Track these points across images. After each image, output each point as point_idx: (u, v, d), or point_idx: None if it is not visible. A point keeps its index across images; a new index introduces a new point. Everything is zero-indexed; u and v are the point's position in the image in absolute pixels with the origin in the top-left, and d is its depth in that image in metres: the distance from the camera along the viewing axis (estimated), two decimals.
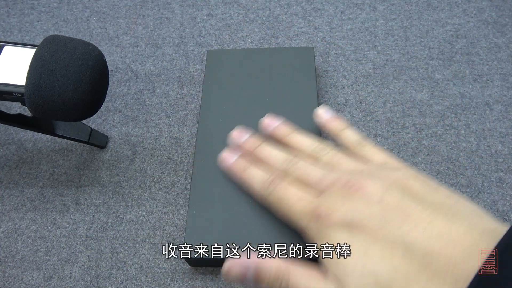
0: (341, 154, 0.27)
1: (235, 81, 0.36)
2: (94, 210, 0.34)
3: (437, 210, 0.21)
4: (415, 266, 0.19)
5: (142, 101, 0.39)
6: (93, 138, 0.36)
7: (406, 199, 0.22)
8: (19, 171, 0.36)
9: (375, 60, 0.41)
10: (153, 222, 0.33)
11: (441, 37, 0.42)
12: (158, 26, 0.44)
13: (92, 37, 0.44)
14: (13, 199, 0.35)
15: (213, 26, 0.44)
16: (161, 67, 0.41)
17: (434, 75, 0.40)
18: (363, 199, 0.22)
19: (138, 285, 0.31)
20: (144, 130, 0.38)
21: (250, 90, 0.36)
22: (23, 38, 0.44)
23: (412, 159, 0.35)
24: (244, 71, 0.37)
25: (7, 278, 0.31)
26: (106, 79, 0.30)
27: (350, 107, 0.38)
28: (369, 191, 0.23)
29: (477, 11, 0.44)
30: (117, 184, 0.35)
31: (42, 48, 0.27)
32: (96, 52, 0.29)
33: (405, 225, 0.21)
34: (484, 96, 0.38)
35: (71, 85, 0.27)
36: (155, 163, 0.36)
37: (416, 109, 0.37)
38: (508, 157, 0.35)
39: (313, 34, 0.43)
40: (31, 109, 0.28)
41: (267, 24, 0.44)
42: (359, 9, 0.45)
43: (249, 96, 0.35)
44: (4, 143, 0.38)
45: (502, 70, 0.39)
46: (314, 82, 0.36)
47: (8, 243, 0.33)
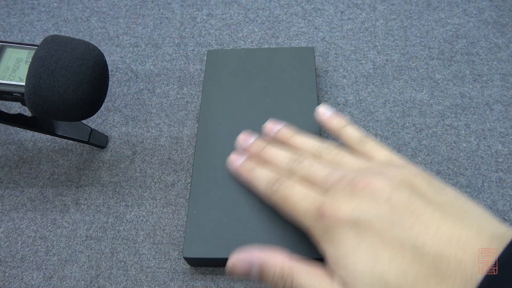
0: (344, 152, 0.27)
1: (235, 81, 0.36)
2: (94, 210, 0.34)
3: (446, 213, 0.21)
4: (425, 270, 0.19)
5: (142, 101, 0.39)
6: (93, 138, 0.36)
7: (414, 199, 0.21)
8: (19, 171, 0.36)
9: (375, 60, 0.41)
10: (153, 222, 0.33)
11: (441, 37, 0.42)
12: (158, 26, 0.44)
13: (92, 37, 0.44)
14: (13, 199, 0.35)
15: (213, 26, 0.44)
16: (161, 67, 0.41)
17: (434, 75, 0.40)
18: (370, 197, 0.22)
19: (138, 285, 0.31)
20: (144, 130, 0.38)
21: (250, 90, 0.36)
22: (23, 38, 0.44)
23: (412, 159, 0.35)
24: (244, 71, 0.37)
25: (7, 278, 0.31)
26: (106, 79, 0.30)
27: (350, 107, 0.38)
28: (377, 188, 0.22)
29: (477, 11, 0.44)
30: (117, 184, 0.35)
31: (42, 48, 0.27)
32: (96, 52, 0.29)
33: (415, 227, 0.20)
34: (484, 96, 0.38)
35: (71, 85, 0.27)
36: (155, 163, 0.36)
37: (416, 109, 0.37)
38: (508, 157, 0.35)
39: (313, 34, 0.43)
40: (31, 109, 0.28)
41: (267, 24, 0.44)
42: (359, 9, 0.45)
43: (249, 96, 0.35)
44: (4, 143, 0.38)
45: (502, 70, 0.39)
46: (314, 82, 0.36)
47: (8, 243, 0.33)
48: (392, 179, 0.22)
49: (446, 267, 0.19)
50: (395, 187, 0.22)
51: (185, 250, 0.28)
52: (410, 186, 0.22)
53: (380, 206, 0.21)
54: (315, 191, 0.24)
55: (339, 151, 0.27)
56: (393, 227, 0.20)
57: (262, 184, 0.28)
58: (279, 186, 0.26)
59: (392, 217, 0.21)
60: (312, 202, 0.24)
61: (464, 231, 0.19)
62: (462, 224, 0.20)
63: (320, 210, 0.23)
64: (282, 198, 0.26)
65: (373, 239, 0.20)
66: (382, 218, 0.21)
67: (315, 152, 0.28)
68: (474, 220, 0.20)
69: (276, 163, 0.28)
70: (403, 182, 0.22)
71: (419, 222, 0.20)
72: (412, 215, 0.20)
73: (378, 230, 0.21)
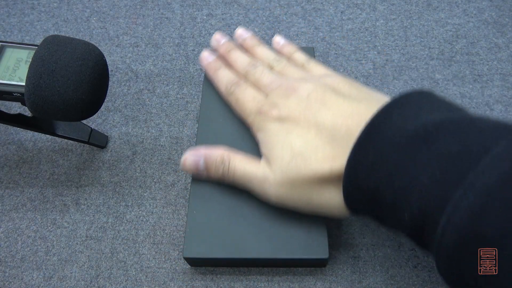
0: (291, 65, 0.33)
1: None
2: (94, 210, 0.34)
3: (351, 99, 0.27)
4: (324, 139, 0.26)
5: (142, 101, 0.39)
6: (93, 138, 0.36)
7: (328, 94, 0.27)
8: (19, 171, 0.36)
9: (375, 60, 0.41)
10: (153, 222, 0.33)
11: (441, 37, 0.42)
12: (158, 26, 0.44)
13: (92, 37, 0.44)
14: (13, 199, 0.35)
15: (213, 26, 0.44)
16: (161, 67, 0.41)
17: (434, 75, 0.40)
18: (295, 96, 0.28)
19: (138, 285, 0.31)
20: (144, 130, 0.38)
21: None
22: (23, 38, 0.44)
23: None
24: None
25: (7, 278, 0.31)
26: (106, 79, 0.30)
27: None
28: (302, 90, 0.28)
29: (477, 11, 0.44)
30: (117, 184, 0.35)
31: (42, 48, 0.27)
32: (96, 52, 0.29)
33: (321, 110, 0.27)
34: (484, 96, 0.38)
35: (71, 85, 0.27)
36: (155, 163, 0.36)
37: None
38: None
39: (313, 34, 0.43)
40: (31, 109, 0.28)
41: (267, 24, 0.44)
42: (359, 9, 0.45)
43: None
44: (4, 143, 0.38)
45: (502, 70, 0.39)
46: None
47: (8, 243, 0.33)
48: (317, 83, 0.29)
49: (338, 134, 0.25)
50: (316, 87, 0.28)
51: (185, 250, 0.28)
52: (330, 87, 0.28)
53: (300, 101, 0.28)
54: (260, 93, 0.31)
55: (287, 63, 0.33)
56: (305, 113, 0.27)
57: (221, 86, 0.34)
58: (234, 88, 0.32)
59: (306, 106, 0.27)
60: (256, 104, 0.30)
61: (358, 107, 0.26)
62: (358, 104, 0.26)
63: (260, 109, 0.29)
64: (235, 99, 0.32)
65: (290, 124, 0.27)
66: (299, 109, 0.27)
67: (269, 62, 0.33)
68: (371, 101, 0.26)
69: (237, 66, 0.34)
70: (325, 84, 0.28)
71: (325, 106, 0.27)
72: (321, 102, 0.27)
73: (294, 117, 0.27)
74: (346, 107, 0.26)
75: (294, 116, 0.27)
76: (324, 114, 0.26)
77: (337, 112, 0.26)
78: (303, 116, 0.27)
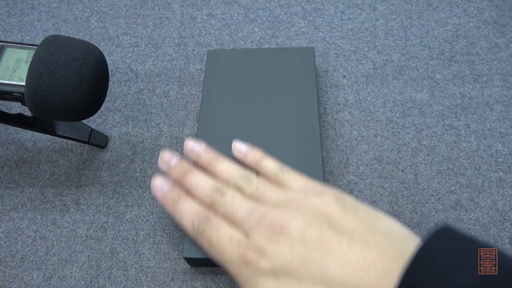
0: (264, 183, 0.28)
1: (235, 81, 0.36)
2: (94, 210, 0.34)
3: (353, 238, 0.22)
4: None
5: (142, 101, 0.39)
6: (93, 138, 0.36)
7: (325, 232, 0.23)
8: (19, 171, 0.36)
9: (375, 60, 0.41)
10: (153, 222, 0.33)
11: (441, 37, 0.42)
12: (158, 26, 0.44)
13: (92, 37, 0.44)
14: (13, 199, 0.35)
15: (213, 26, 0.44)
16: (161, 67, 0.41)
17: (434, 75, 0.40)
18: (287, 240, 0.23)
19: (138, 285, 0.31)
20: (144, 130, 0.38)
21: (250, 90, 0.36)
22: (23, 38, 0.44)
23: (412, 159, 0.35)
24: (244, 71, 0.37)
25: (7, 278, 0.31)
26: (106, 79, 0.30)
27: (350, 107, 0.38)
28: (292, 229, 0.23)
29: (477, 11, 0.44)
30: (117, 184, 0.35)
31: (42, 48, 0.27)
32: (96, 52, 0.29)
33: (325, 260, 0.22)
34: (484, 96, 0.38)
35: (71, 85, 0.27)
36: (155, 163, 0.36)
37: (416, 109, 0.37)
38: (508, 157, 0.35)
39: (313, 34, 0.43)
40: (31, 109, 0.28)
41: (267, 24, 0.44)
42: (359, 9, 0.45)
43: (249, 96, 0.35)
44: (4, 143, 0.38)
45: (502, 70, 0.39)
46: (314, 82, 0.36)
47: (8, 243, 0.33)
48: (306, 213, 0.24)
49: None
50: (308, 223, 0.24)
51: (185, 250, 0.28)
52: (322, 218, 0.24)
53: (295, 248, 0.23)
54: (238, 230, 0.25)
55: (259, 182, 0.28)
56: (305, 265, 0.22)
57: (187, 223, 0.27)
58: (204, 227, 0.26)
59: (306, 256, 0.22)
60: (237, 248, 0.24)
61: (368, 253, 0.21)
62: (366, 247, 0.22)
63: (245, 257, 0.24)
64: (208, 242, 0.26)
65: (290, 280, 0.22)
66: (296, 259, 0.22)
67: (236, 182, 0.28)
68: (379, 239, 0.22)
69: (199, 193, 0.28)
70: (316, 215, 0.24)
71: (328, 255, 0.22)
72: (322, 249, 0.22)
73: (293, 271, 0.22)
74: (355, 254, 0.22)
75: (292, 268, 0.22)
76: (329, 265, 0.22)
77: (345, 261, 0.22)
78: (304, 268, 0.22)
